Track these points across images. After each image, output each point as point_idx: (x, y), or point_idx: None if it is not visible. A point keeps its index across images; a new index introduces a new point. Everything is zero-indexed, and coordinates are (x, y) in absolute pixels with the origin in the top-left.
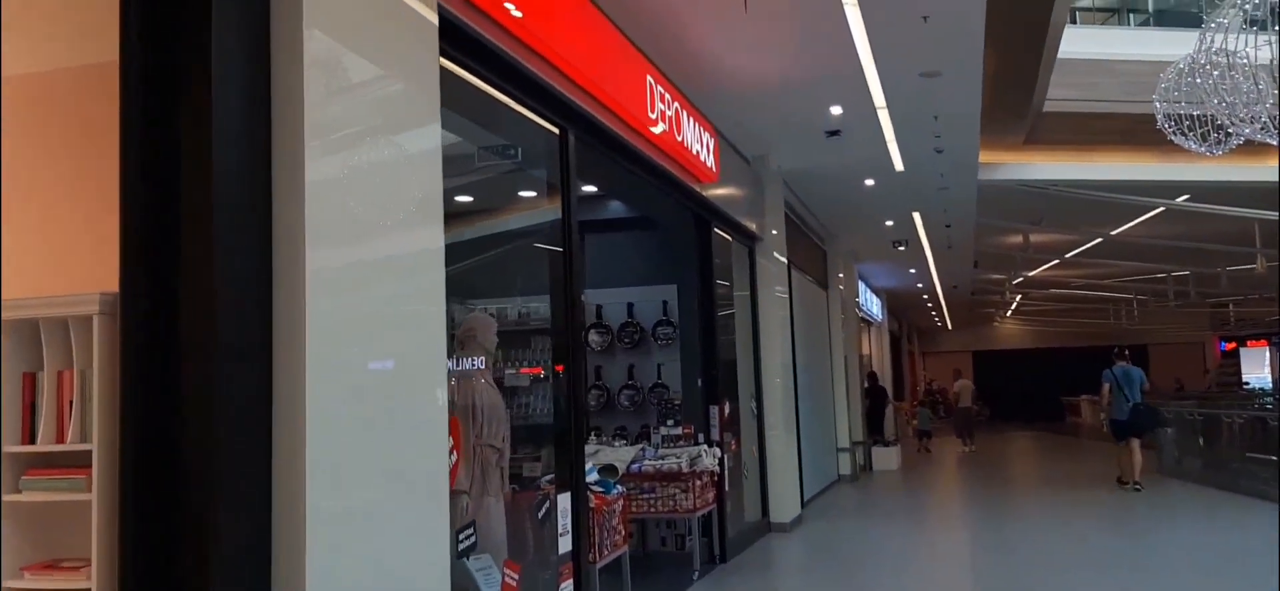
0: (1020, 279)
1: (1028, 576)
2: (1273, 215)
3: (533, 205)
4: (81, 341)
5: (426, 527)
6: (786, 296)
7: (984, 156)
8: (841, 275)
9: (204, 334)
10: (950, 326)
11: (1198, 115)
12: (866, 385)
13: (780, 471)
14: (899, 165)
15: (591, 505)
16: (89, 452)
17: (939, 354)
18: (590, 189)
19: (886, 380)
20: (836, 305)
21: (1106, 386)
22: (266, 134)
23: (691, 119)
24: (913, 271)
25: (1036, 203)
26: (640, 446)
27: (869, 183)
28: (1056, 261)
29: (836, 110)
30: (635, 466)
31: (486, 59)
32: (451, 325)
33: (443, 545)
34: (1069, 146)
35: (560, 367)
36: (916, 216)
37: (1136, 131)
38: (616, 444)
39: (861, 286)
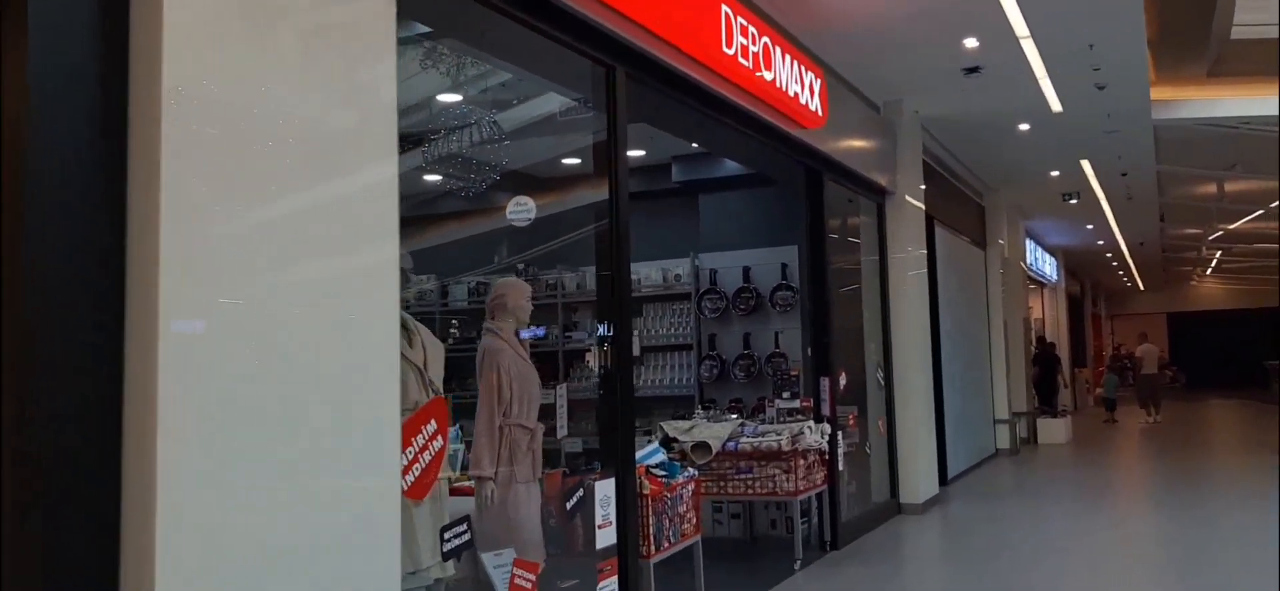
0: (1218, 233)
1: (1176, 575)
2: None
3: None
4: None
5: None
6: (924, 255)
7: (1157, 92)
8: (1003, 233)
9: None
10: (1142, 287)
11: None
12: (1036, 350)
13: (912, 447)
14: (1056, 106)
15: (645, 491)
16: None
17: (1129, 317)
18: (693, 148)
19: (1063, 345)
20: (996, 265)
21: None
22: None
23: (788, 56)
24: (1090, 227)
25: (1228, 145)
26: (739, 421)
27: (1024, 128)
28: (1260, 212)
29: (972, 42)
30: (732, 444)
31: None
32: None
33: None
34: (1262, 78)
35: (606, 342)
36: (1085, 165)
37: None
38: (730, 417)
39: (1030, 245)
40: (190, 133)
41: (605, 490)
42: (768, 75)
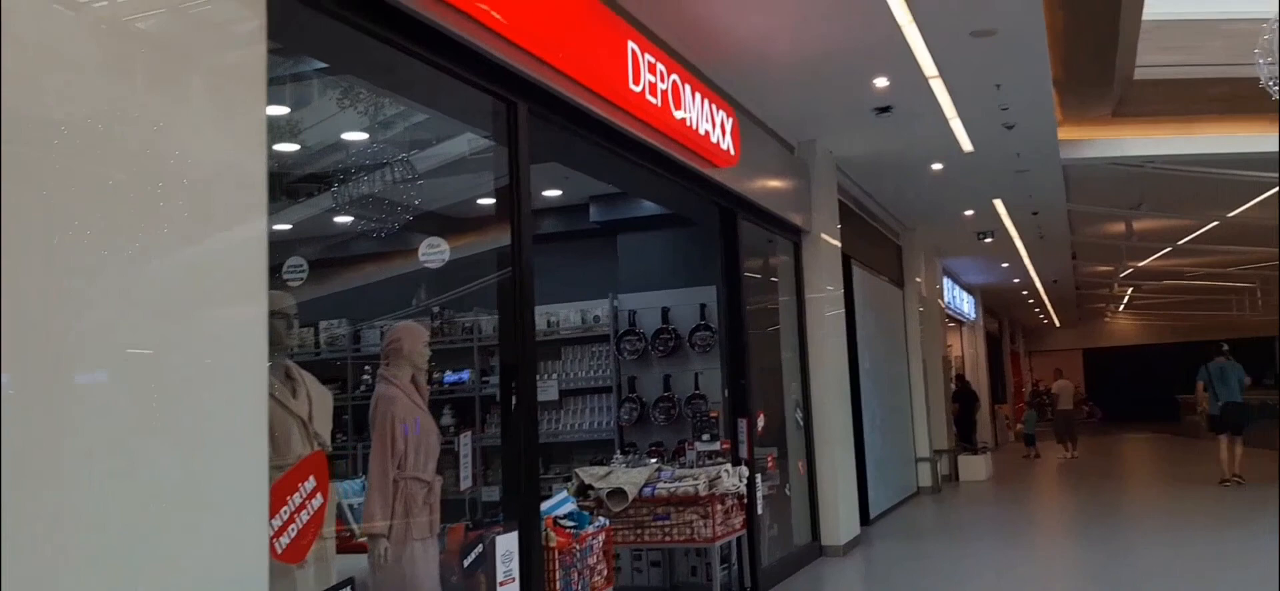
0: (1129, 271)
1: None
2: None
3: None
4: None
5: None
6: (841, 295)
7: (1066, 132)
8: (921, 272)
9: None
10: (1058, 324)
11: None
12: (954, 387)
13: (832, 488)
14: (967, 145)
15: (551, 544)
16: None
17: (1047, 353)
18: (611, 188)
19: (982, 382)
20: (914, 304)
21: (1200, 384)
22: None
23: (699, 95)
24: (1005, 265)
25: (1134, 184)
26: (656, 466)
27: (937, 167)
28: (1168, 250)
29: (882, 82)
30: (649, 490)
31: (390, 18)
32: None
33: None
34: (1166, 118)
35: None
36: (998, 204)
37: (1244, 98)
38: (649, 461)
39: (948, 283)
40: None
41: (507, 545)
42: (678, 114)
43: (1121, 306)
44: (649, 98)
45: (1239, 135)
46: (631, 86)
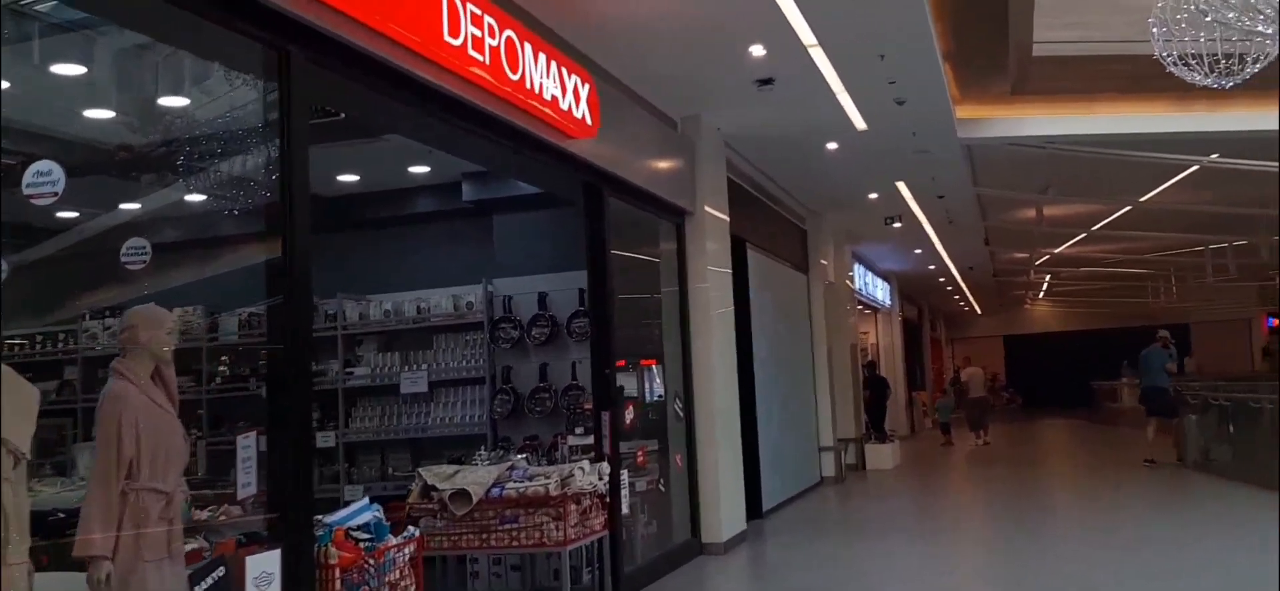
0: (1044, 257)
1: None
2: None
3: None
4: None
5: None
6: (729, 279)
7: (964, 111)
8: (826, 258)
9: None
10: (979, 311)
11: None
12: (865, 375)
13: (716, 483)
14: (860, 123)
15: (333, 561)
16: None
17: (969, 340)
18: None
19: (898, 370)
20: (819, 291)
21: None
22: None
23: (544, 56)
24: (918, 252)
25: (1040, 167)
26: (508, 465)
27: (832, 146)
28: (1082, 236)
29: (759, 50)
30: (497, 490)
31: None
32: None
33: None
34: (1068, 97)
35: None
36: (902, 187)
37: (1147, 77)
38: (518, 457)
39: (860, 270)
40: None
41: (264, 566)
42: (514, 74)
43: (1041, 293)
44: (473, 53)
45: (1143, 115)
46: (447, 39)
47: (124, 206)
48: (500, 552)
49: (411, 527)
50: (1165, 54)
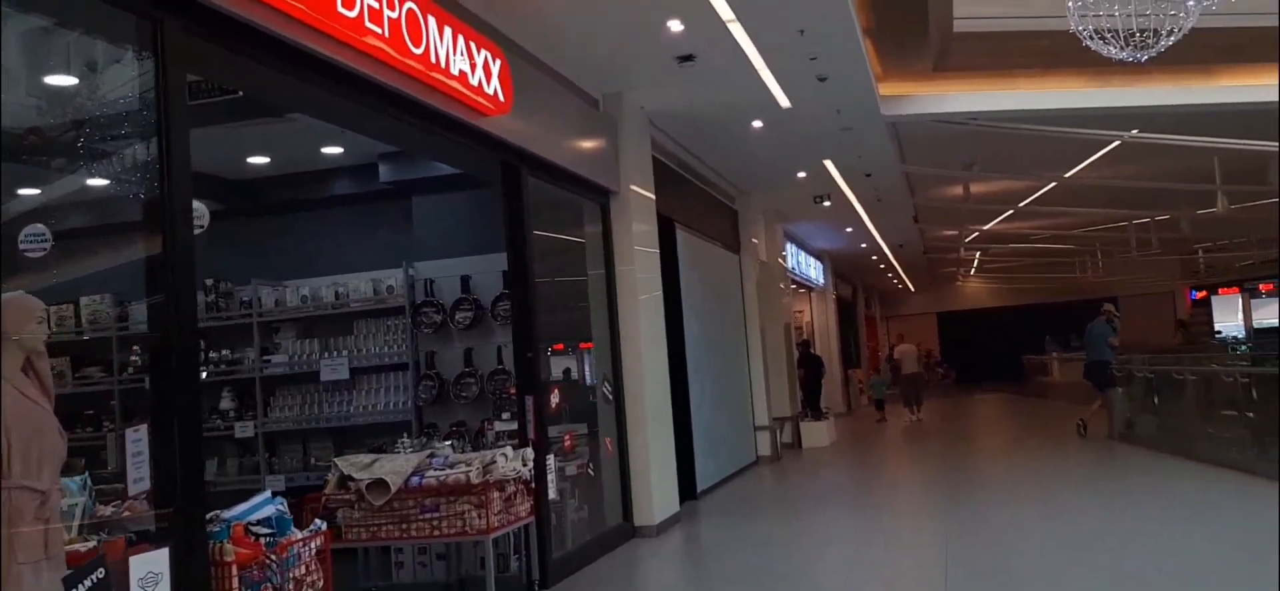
0: (973, 234)
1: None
2: (1232, 144)
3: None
4: None
5: None
6: (656, 259)
7: (887, 88)
8: (757, 238)
9: None
10: (913, 289)
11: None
12: (799, 354)
13: (647, 465)
14: (784, 101)
15: (228, 558)
16: None
17: (903, 318)
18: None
19: (830, 348)
20: (752, 270)
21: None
22: None
23: (449, 29)
24: (849, 230)
25: (964, 144)
26: (428, 452)
27: (757, 125)
28: (1009, 212)
29: (676, 25)
30: (416, 479)
31: None
32: None
33: None
34: (989, 73)
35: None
36: (829, 165)
37: (1068, 51)
38: (442, 446)
39: (792, 249)
40: None
41: (150, 565)
42: (416, 48)
43: (972, 270)
44: (370, 25)
45: (1063, 91)
46: (340, 10)
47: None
48: (421, 542)
49: (318, 521)
50: (1081, 28)
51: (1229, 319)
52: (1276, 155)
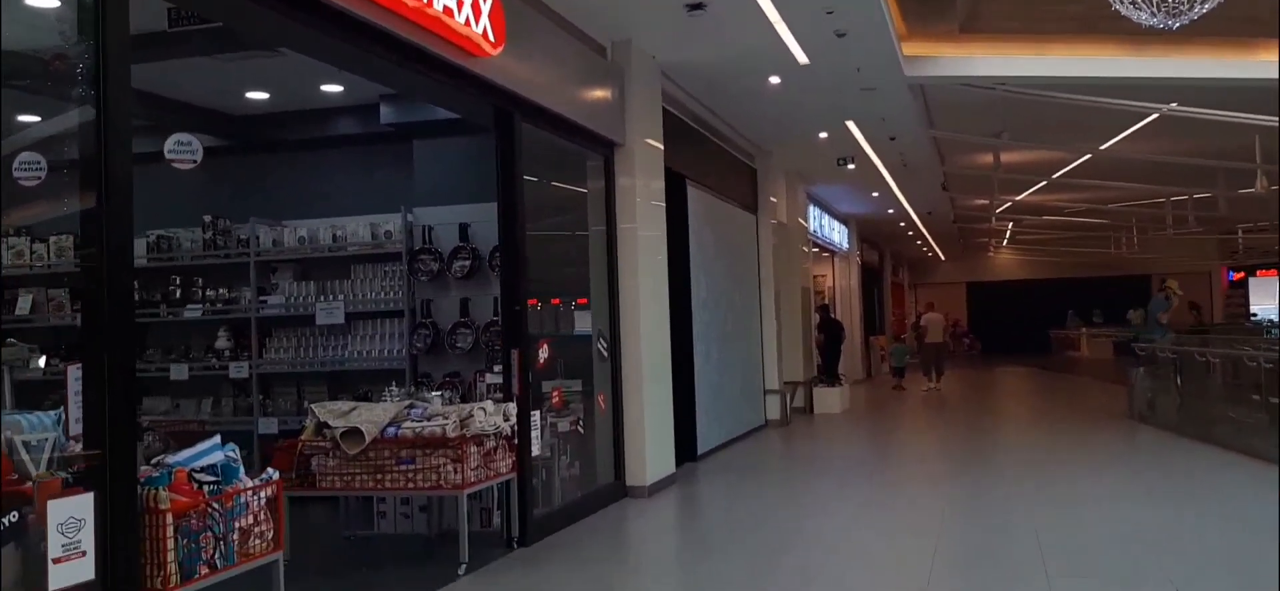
0: (1005, 204)
1: (893, 563)
2: (1274, 122)
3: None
4: None
5: None
6: (662, 215)
7: (910, 47)
8: (776, 198)
9: None
10: (943, 257)
11: None
12: (819, 318)
13: (641, 425)
14: (801, 56)
15: (162, 506)
16: None
17: (932, 286)
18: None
19: (853, 314)
20: (768, 231)
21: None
22: None
23: None
24: (876, 195)
25: (995, 110)
26: (407, 402)
27: (774, 80)
28: (1043, 183)
29: None
30: (392, 430)
31: None
32: None
33: None
34: (1019, 36)
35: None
36: (852, 126)
37: (1101, 17)
38: (432, 397)
39: (816, 212)
40: None
41: (71, 510)
42: None
43: (1004, 241)
44: None
45: (1097, 57)
46: None
47: None
48: (394, 494)
49: (271, 470)
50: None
51: (1266, 301)
52: None
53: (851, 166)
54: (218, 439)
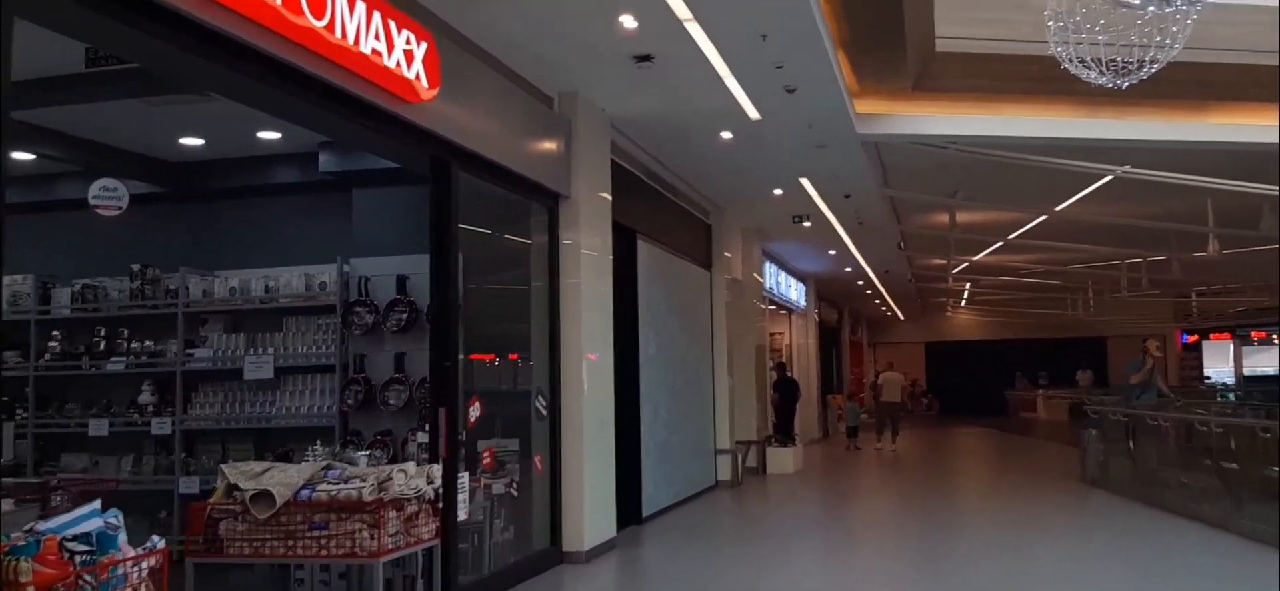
0: (963, 265)
1: None
2: (1228, 186)
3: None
4: None
5: None
6: (608, 269)
7: (863, 105)
8: (729, 253)
9: None
10: (902, 316)
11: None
12: (775, 377)
13: (580, 487)
14: (753, 112)
15: (22, 579)
16: None
17: (891, 345)
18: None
19: (810, 373)
20: (722, 288)
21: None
22: None
23: (363, 4)
24: (832, 253)
25: (951, 171)
26: (323, 464)
27: (726, 135)
28: (999, 244)
29: (629, 22)
30: (307, 493)
31: None
32: None
33: None
34: (971, 96)
35: None
36: (806, 184)
37: (1055, 78)
38: (358, 456)
39: (772, 269)
40: None
41: None
42: (317, 22)
43: (962, 301)
44: None
45: (1051, 118)
46: None
47: None
48: (305, 561)
49: (155, 537)
50: (1061, 51)
51: (1219, 365)
52: (1271, 200)
53: (807, 224)
54: (98, 504)
